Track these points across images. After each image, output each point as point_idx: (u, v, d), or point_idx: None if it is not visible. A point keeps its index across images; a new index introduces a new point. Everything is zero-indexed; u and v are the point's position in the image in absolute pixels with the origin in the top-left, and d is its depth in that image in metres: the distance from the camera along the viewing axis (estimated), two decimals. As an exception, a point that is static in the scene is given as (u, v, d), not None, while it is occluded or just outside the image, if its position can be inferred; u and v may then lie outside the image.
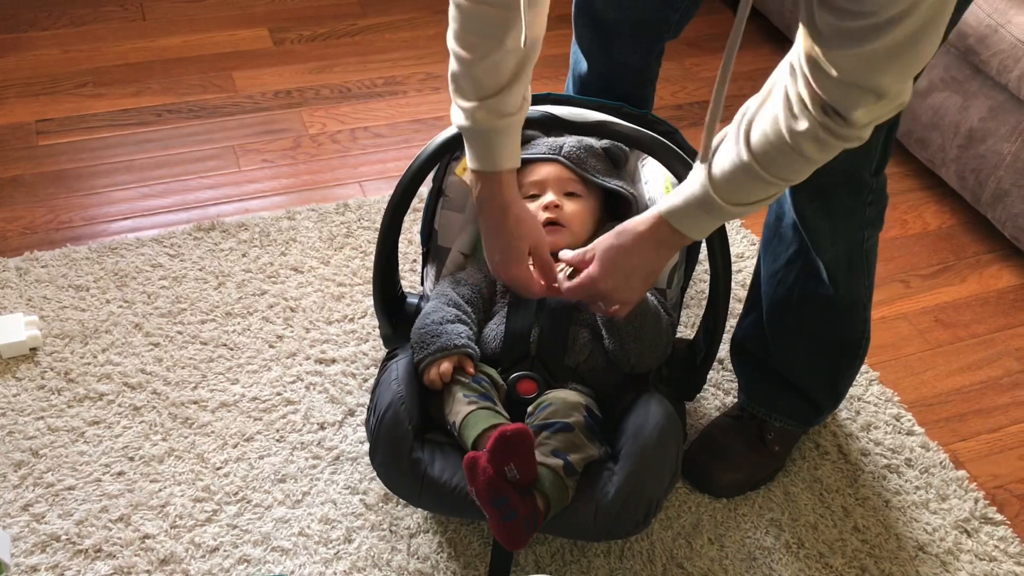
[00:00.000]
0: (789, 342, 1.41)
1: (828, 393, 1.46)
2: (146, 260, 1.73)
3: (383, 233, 1.35)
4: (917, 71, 0.94)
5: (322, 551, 1.33)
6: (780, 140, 1.01)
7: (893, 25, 0.85)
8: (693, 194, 1.10)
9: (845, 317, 1.37)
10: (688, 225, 1.14)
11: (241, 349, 1.60)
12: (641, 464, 1.20)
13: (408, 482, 1.22)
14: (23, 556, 1.29)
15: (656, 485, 1.22)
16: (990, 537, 1.43)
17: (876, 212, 1.29)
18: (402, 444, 1.22)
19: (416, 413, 1.25)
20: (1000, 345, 1.76)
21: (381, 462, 1.25)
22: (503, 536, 1.13)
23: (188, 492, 1.38)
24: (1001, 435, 1.60)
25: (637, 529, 1.23)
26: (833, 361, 1.42)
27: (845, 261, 1.31)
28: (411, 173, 1.33)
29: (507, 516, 1.11)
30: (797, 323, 1.39)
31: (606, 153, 1.46)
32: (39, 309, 1.62)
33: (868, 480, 1.49)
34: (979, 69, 1.89)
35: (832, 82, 0.93)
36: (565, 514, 1.19)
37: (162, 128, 2.06)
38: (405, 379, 1.27)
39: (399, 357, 1.32)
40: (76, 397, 1.49)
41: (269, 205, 1.90)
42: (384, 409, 1.23)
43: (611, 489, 1.19)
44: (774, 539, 1.40)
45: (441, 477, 1.21)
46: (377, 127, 2.13)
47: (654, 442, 1.21)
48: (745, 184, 1.06)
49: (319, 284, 1.72)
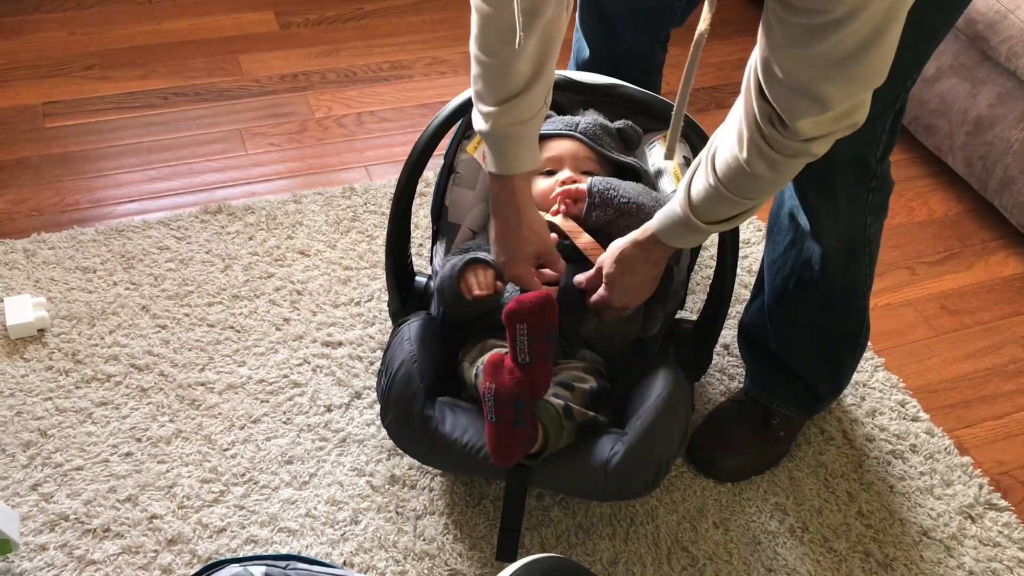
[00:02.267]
0: (790, 330, 1.41)
1: (829, 382, 1.46)
2: (153, 243, 1.74)
3: (398, 195, 1.36)
4: (864, 89, 0.94)
5: (329, 532, 1.34)
6: (736, 162, 1.05)
7: (837, 28, 0.85)
8: (676, 216, 1.18)
9: (842, 306, 1.38)
10: (678, 241, 1.21)
11: (248, 331, 1.60)
12: (651, 425, 1.21)
13: (419, 440, 1.23)
14: (32, 535, 1.30)
15: (665, 446, 1.22)
16: (994, 523, 1.43)
17: (880, 199, 1.29)
18: (413, 402, 1.23)
19: (428, 373, 1.26)
20: (1006, 332, 1.76)
21: (392, 420, 1.25)
22: (502, 443, 1.14)
23: (195, 473, 1.39)
24: (1006, 421, 1.61)
25: (646, 490, 1.23)
26: (833, 350, 1.42)
27: (846, 247, 1.31)
28: (426, 136, 1.35)
29: (519, 421, 1.12)
30: (796, 311, 1.39)
31: (620, 134, 1.46)
32: (46, 291, 1.63)
33: (873, 465, 1.50)
34: (988, 55, 1.88)
35: (779, 85, 0.95)
36: (574, 473, 1.20)
37: (168, 111, 2.06)
38: (417, 339, 1.28)
39: (411, 320, 1.33)
40: (84, 378, 1.50)
41: (275, 189, 1.90)
42: (396, 368, 1.24)
43: (621, 448, 1.19)
44: (779, 523, 1.40)
45: (452, 434, 1.21)
46: (383, 111, 2.13)
47: (663, 404, 1.22)
48: (718, 206, 1.13)
49: (325, 267, 1.73)
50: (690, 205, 1.15)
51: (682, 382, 1.28)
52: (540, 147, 1.44)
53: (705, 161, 1.12)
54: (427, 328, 1.33)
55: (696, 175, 1.14)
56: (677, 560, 1.34)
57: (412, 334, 1.30)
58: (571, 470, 1.21)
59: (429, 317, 1.36)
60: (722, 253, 1.36)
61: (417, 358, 1.26)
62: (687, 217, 1.16)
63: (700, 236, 1.19)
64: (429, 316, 1.36)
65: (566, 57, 1.70)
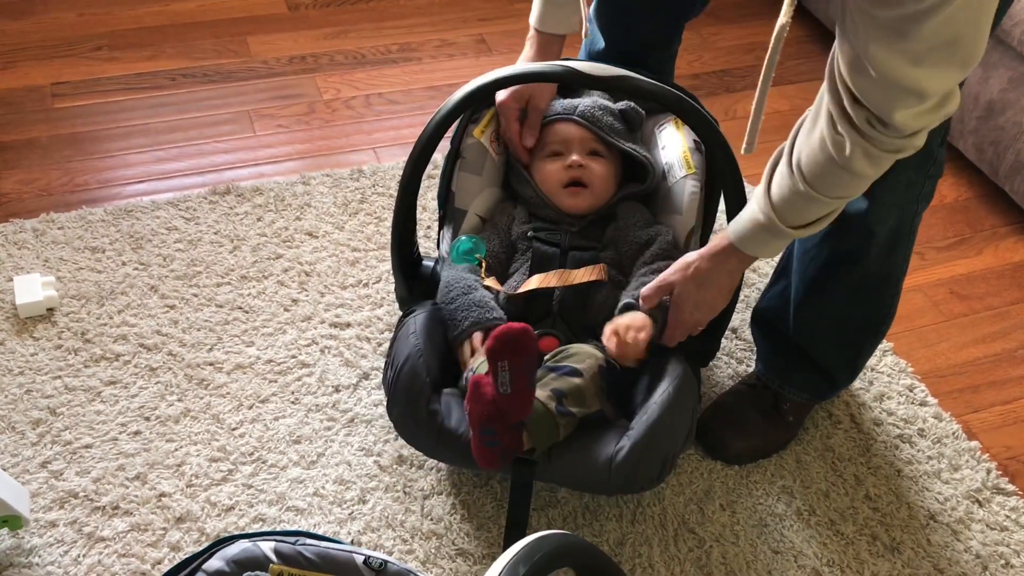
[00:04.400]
0: (815, 319, 1.40)
1: (846, 369, 1.46)
2: (161, 223, 1.74)
3: (403, 186, 1.35)
4: (962, 72, 0.92)
5: (336, 511, 1.34)
6: (830, 162, 1.03)
7: (935, 13, 0.83)
8: (759, 223, 1.15)
9: (876, 294, 1.37)
10: (760, 249, 1.19)
11: (256, 312, 1.60)
12: (657, 420, 1.20)
13: (425, 434, 1.23)
14: (42, 512, 1.30)
15: (672, 441, 1.22)
16: (1001, 507, 1.43)
17: (932, 185, 1.28)
18: (420, 396, 1.23)
19: (434, 366, 1.26)
20: (1015, 318, 1.76)
21: (399, 414, 1.25)
22: (478, 455, 1.17)
23: (204, 452, 1.40)
24: (1015, 407, 1.60)
25: (651, 484, 1.23)
26: (856, 338, 1.42)
27: (893, 233, 1.29)
28: (432, 127, 1.33)
29: (489, 443, 1.15)
30: (827, 300, 1.37)
31: (622, 115, 1.45)
32: (55, 270, 1.63)
33: (880, 449, 1.49)
34: (1000, 39, 1.87)
35: (873, 85, 0.93)
36: (580, 468, 1.20)
37: (177, 92, 2.06)
38: (423, 333, 1.27)
39: (417, 312, 1.32)
40: (93, 357, 1.50)
41: (284, 170, 1.90)
42: (402, 362, 1.24)
43: (627, 443, 1.19)
44: (785, 506, 1.40)
45: (458, 429, 1.22)
46: (391, 93, 2.13)
47: (670, 399, 1.21)
48: (807, 208, 1.11)
49: (334, 249, 1.73)
50: (774, 210, 1.12)
51: (689, 375, 1.27)
52: (544, 131, 1.44)
53: (788, 166, 1.09)
54: (433, 320, 1.32)
55: (777, 180, 1.11)
56: (684, 541, 1.34)
57: (418, 327, 1.29)
58: (576, 465, 1.21)
59: (434, 308, 1.35)
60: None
61: (423, 352, 1.25)
62: (771, 223, 1.13)
63: (784, 241, 1.16)
64: (435, 307, 1.36)
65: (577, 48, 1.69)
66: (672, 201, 1.44)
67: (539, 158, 1.45)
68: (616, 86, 1.34)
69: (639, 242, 1.38)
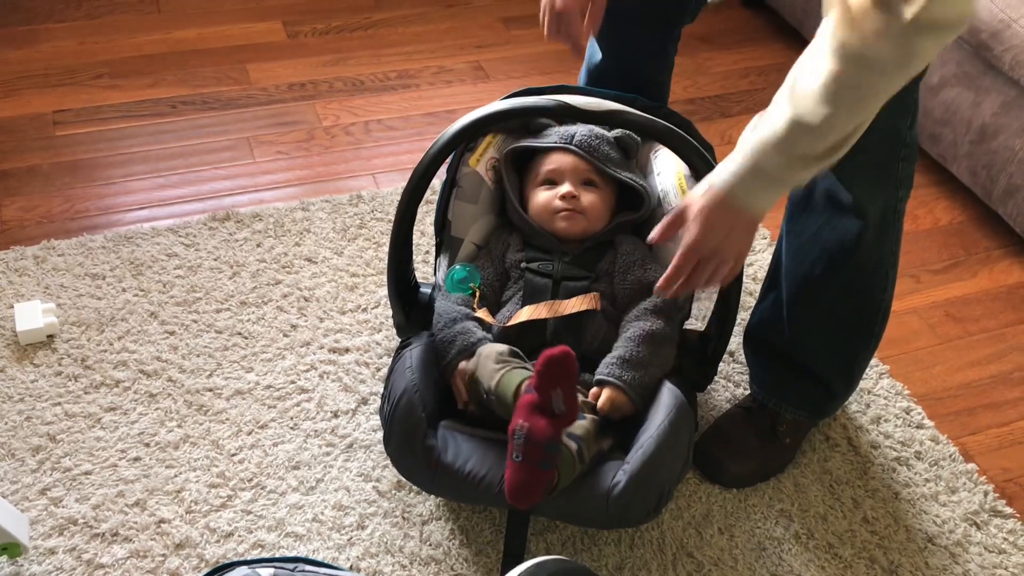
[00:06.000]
0: (808, 321, 1.41)
1: (843, 378, 1.46)
2: (161, 249, 1.75)
3: (398, 220, 1.36)
4: None
5: (335, 537, 1.34)
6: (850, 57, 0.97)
7: None
8: (766, 153, 1.07)
9: (870, 284, 1.37)
10: (758, 194, 1.11)
11: (256, 338, 1.61)
12: (653, 454, 1.21)
13: (422, 469, 1.24)
14: (41, 539, 1.30)
15: (667, 474, 1.23)
16: (999, 530, 1.43)
17: (908, 170, 1.30)
18: (416, 431, 1.23)
19: (430, 400, 1.26)
20: (1010, 340, 1.77)
21: (395, 449, 1.26)
22: (525, 483, 1.13)
23: (203, 478, 1.40)
24: (1011, 429, 1.61)
25: (648, 518, 1.24)
26: (851, 339, 1.42)
27: (879, 219, 1.31)
28: (427, 161, 1.34)
29: (546, 463, 1.13)
30: (819, 297, 1.38)
31: (617, 143, 1.46)
32: (56, 297, 1.64)
33: (878, 472, 1.50)
34: (991, 64, 1.89)
35: None
36: (577, 502, 1.20)
37: (177, 119, 2.08)
38: (419, 367, 1.28)
39: (413, 345, 1.33)
40: (92, 383, 1.51)
41: (283, 196, 1.92)
42: (398, 396, 1.25)
43: (623, 478, 1.20)
44: (784, 529, 1.41)
45: (455, 464, 1.22)
46: (390, 120, 2.15)
47: (666, 431, 1.22)
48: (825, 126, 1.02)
49: (333, 274, 1.74)
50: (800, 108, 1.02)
51: (685, 406, 1.28)
52: (539, 160, 1.45)
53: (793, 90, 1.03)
54: (429, 352, 1.33)
55: (773, 112, 1.05)
56: (682, 566, 1.35)
57: (414, 361, 1.29)
58: (573, 499, 1.21)
59: (431, 339, 1.36)
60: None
61: (419, 387, 1.26)
62: (787, 141, 1.03)
63: (783, 181, 1.09)
64: (431, 338, 1.36)
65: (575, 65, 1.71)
66: (668, 227, 1.45)
67: (532, 187, 1.46)
68: (608, 120, 1.36)
69: (638, 284, 1.39)
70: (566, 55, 1.46)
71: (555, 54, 2.36)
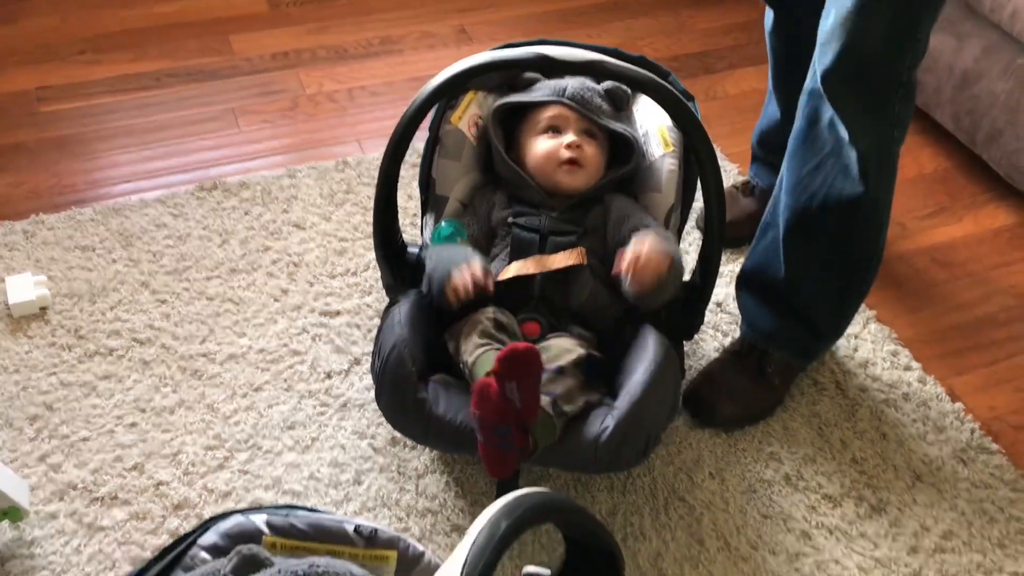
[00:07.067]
0: (805, 259, 1.43)
1: (833, 319, 1.49)
2: (150, 220, 1.76)
3: (381, 177, 1.37)
4: None
5: (332, 493, 1.36)
6: None
7: None
8: None
9: (863, 227, 1.40)
10: None
11: (247, 303, 1.62)
12: (640, 400, 1.22)
13: (414, 422, 1.25)
14: (42, 504, 1.32)
15: (655, 419, 1.24)
16: (986, 465, 1.46)
17: (905, 111, 1.31)
18: (407, 385, 1.24)
19: (420, 355, 1.27)
20: (996, 283, 1.78)
21: (387, 403, 1.28)
22: (493, 463, 1.17)
23: (199, 440, 1.42)
24: (997, 368, 1.63)
25: (637, 462, 1.26)
26: (845, 279, 1.44)
27: (877, 157, 1.32)
28: (408, 116, 1.35)
29: (505, 445, 1.14)
30: (816, 234, 1.40)
31: (608, 95, 1.46)
32: (47, 270, 1.65)
33: (866, 414, 1.52)
34: (972, 9, 1.89)
35: None
36: (566, 448, 1.22)
37: (161, 92, 2.08)
38: (408, 323, 1.29)
39: (402, 302, 1.34)
40: (86, 353, 1.52)
41: (269, 164, 1.92)
42: (388, 351, 1.26)
43: (611, 424, 1.21)
44: (773, 472, 1.43)
45: (446, 416, 1.23)
46: (374, 86, 2.15)
47: (653, 378, 1.23)
48: None
49: (321, 240, 1.75)
50: None
51: (672, 353, 1.29)
52: (535, 112, 1.45)
53: None
54: (417, 308, 1.34)
55: None
56: (674, 509, 1.37)
57: (403, 317, 1.30)
58: (563, 447, 1.23)
59: (419, 296, 1.36)
60: (709, 211, 1.37)
61: (408, 341, 1.27)
62: None
63: None
64: (419, 295, 1.37)
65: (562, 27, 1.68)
66: (651, 180, 1.46)
67: (531, 136, 1.45)
68: (589, 71, 1.36)
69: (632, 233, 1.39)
70: (551, 17, 1.46)
71: (539, 16, 2.35)
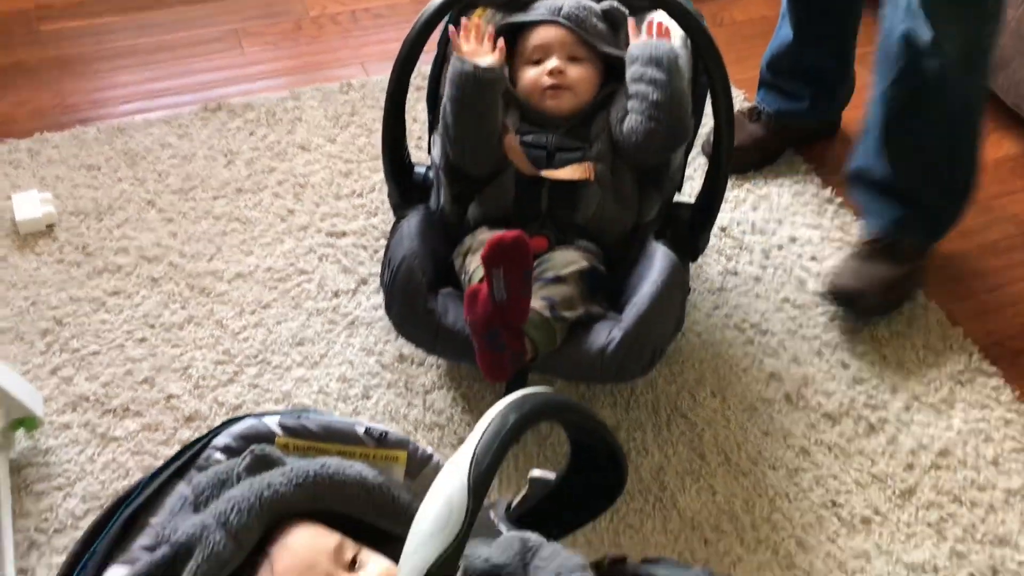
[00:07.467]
0: (905, 160, 1.48)
1: (950, 199, 1.54)
2: (155, 140, 1.75)
3: (391, 92, 1.37)
4: None
5: (341, 407, 1.38)
6: None
7: None
8: None
9: (958, 130, 1.44)
10: None
11: (253, 223, 1.63)
12: (646, 312, 1.24)
13: (423, 332, 1.27)
14: (55, 415, 1.34)
15: (660, 332, 1.26)
16: (983, 387, 1.48)
17: (996, 3, 1.33)
18: (417, 296, 1.26)
19: (429, 267, 1.29)
20: (998, 211, 1.79)
21: (397, 314, 1.29)
22: (488, 366, 1.19)
23: (209, 356, 1.43)
24: (998, 294, 1.65)
25: (642, 373, 1.28)
26: (950, 170, 1.50)
27: (964, 59, 1.34)
28: (416, 30, 1.35)
29: (495, 347, 1.17)
30: (912, 136, 1.45)
31: (605, 15, 1.45)
32: (52, 188, 1.65)
33: (866, 338, 1.54)
34: (985, -66, 1.87)
35: None
36: (573, 358, 1.24)
37: (163, 12, 2.06)
38: (417, 235, 1.30)
39: (410, 216, 1.35)
40: (95, 269, 1.53)
41: (273, 86, 1.91)
42: (398, 264, 1.27)
43: (617, 335, 1.23)
44: (774, 392, 1.45)
45: (455, 326, 1.25)
46: (377, 8, 2.13)
47: (659, 290, 1.25)
48: None
49: (326, 161, 1.75)
50: None
51: (678, 267, 1.30)
52: (526, 35, 1.44)
53: None
54: (426, 222, 1.35)
55: None
56: (676, 426, 1.39)
57: (412, 229, 1.32)
58: (569, 356, 1.25)
59: (428, 211, 1.38)
60: (718, 133, 1.37)
61: (418, 253, 1.29)
62: None
63: None
64: (428, 210, 1.38)
65: None
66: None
67: (520, 64, 1.45)
68: None
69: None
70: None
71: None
